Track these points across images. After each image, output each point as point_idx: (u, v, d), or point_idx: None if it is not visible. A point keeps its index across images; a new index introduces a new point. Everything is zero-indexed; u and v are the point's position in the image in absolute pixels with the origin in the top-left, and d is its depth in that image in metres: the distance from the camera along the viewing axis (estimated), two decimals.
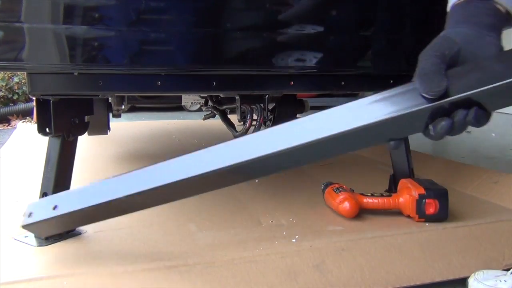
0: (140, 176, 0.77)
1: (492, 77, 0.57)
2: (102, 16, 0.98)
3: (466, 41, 0.66)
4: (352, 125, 0.62)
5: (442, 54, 0.63)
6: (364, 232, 1.13)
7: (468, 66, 0.61)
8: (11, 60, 0.95)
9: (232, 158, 0.68)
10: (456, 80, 0.59)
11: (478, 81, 0.58)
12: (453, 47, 0.65)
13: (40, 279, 0.89)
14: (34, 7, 0.93)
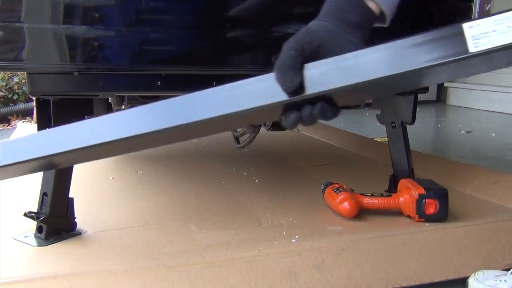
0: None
1: (340, 77, 0.59)
2: (102, 16, 0.98)
3: (327, 37, 0.66)
4: (215, 113, 0.63)
5: (301, 47, 0.63)
6: (364, 232, 1.13)
7: (323, 63, 0.61)
8: (11, 60, 0.95)
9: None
10: (310, 76, 0.60)
11: (327, 81, 0.59)
12: (314, 41, 0.65)
13: (40, 279, 0.89)
14: (34, 7, 0.93)
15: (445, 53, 0.52)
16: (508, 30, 0.50)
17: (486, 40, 0.51)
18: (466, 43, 0.52)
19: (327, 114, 0.62)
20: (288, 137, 2.49)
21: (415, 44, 0.55)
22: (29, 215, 1.07)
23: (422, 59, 0.54)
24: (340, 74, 0.58)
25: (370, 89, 0.61)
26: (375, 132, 2.91)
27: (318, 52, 0.64)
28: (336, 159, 2.03)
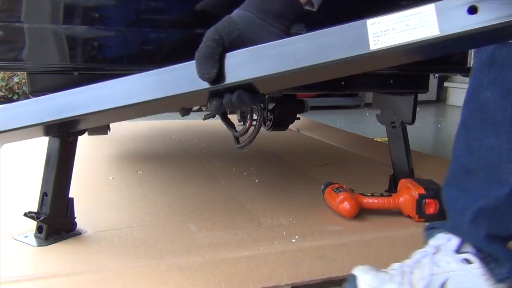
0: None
1: (255, 68, 0.60)
2: (102, 16, 0.98)
3: (248, 28, 0.66)
4: (142, 98, 0.66)
5: (220, 38, 0.63)
6: (364, 232, 1.14)
7: (241, 53, 0.62)
8: (11, 60, 0.95)
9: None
10: (228, 66, 0.62)
11: (243, 71, 0.61)
12: (234, 32, 0.65)
13: (40, 278, 0.89)
14: (34, 7, 0.93)
15: (348, 49, 0.54)
16: (407, 29, 0.51)
17: (385, 38, 0.52)
18: (367, 40, 0.53)
19: (245, 101, 0.63)
20: (288, 137, 2.49)
21: (324, 38, 0.56)
22: (29, 215, 1.07)
23: (327, 54, 0.55)
24: (254, 65, 0.60)
25: (284, 80, 0.62)
26: (375, 132, 2.91)
27: (238, 42, 0.64)
28: (336, 159, 2.03)
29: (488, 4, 0.48)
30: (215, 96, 0.65)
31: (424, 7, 0.51)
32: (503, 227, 0.80)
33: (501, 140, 0.77)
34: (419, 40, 0.50)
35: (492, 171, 0.79)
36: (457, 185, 0.84)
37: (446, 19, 0.49)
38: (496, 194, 0.78)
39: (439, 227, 0.86)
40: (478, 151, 0.80)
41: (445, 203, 0.87)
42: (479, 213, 0.79)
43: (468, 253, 0.81)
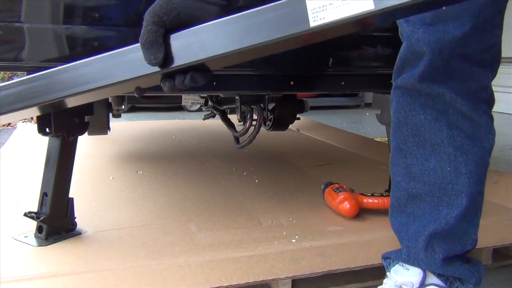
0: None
1: (199, 50, 0.60)
2: (102, 16, 0.98)
3: (186, 4, 0.64)
4: (95, 84, 0.65)
5: (160, 19, 0.61)
6: (364, 232, 1.14)
7: (184, 35, 0.62)
8: (11, 60, 0.95)
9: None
10: (175, 47, 0.61)
11: (189, 53, 0.61)
12: (172, 11, 0.62)
13: (40, 278, 0.89)
14: (34, 7, 0.93)
15: (289, 26, 0.54)
16: (343, 4, 0.51)
17: (323, 14, 0.52)
18: (307, 16, 0.53)
19: (198, 81, 0.63)
20: (288, 137, 2.50)
21: (264, 16, 0.56)
22: (29, 215, 1.07)
23: (269, 32, 0.56)
24: (201, 45, 0.60)
25: (232, 57, 0.62)
26: (375, 132, 2.91)
27: (179, 21, 0.63)
28: (336, 159, 2.03)
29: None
30: (167, 78, 0.64)
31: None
32: (459, 247, 0.79)
33: (442, 163, 0.76)
34: (356, 14, 0.51)
35: (439, 195, 0.77)
36: (404, 211, 0.82)
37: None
38: (446, 217, 0.76)
39: (394, 258, 0.84)
40: (421, 177, 0.78)
41: (395, 231, 0.84)
42: (432, 238, 0.77)
43: (431, 285, 0.80)
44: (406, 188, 0.80)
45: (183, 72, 0.63)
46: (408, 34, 0.74)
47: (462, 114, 0.75)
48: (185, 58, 0.61)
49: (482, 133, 0.76)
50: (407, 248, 0.81)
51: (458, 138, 0.75)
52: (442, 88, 0.74)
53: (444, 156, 0.75)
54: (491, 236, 1.09)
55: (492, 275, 1.07)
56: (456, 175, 0.75)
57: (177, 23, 0.62)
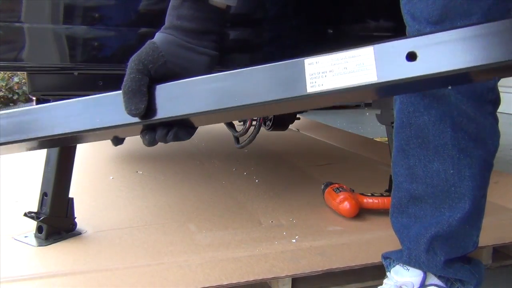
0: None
1: (187, 104, 0.56)
2: (102, 16, 0.98)
3: (173, 53, 0.61)
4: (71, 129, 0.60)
5: (145, 68, 0.58)
6: (364, 232, 1.14)
7: (171, 87, 0.57)
8: (11, 60, 0.95)
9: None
10: (159, 99, 0.57)
11: (175, 107, 0.56)
12: (159, 59, 0.59)
13: (40, 278, 0.89)
14: (34, 7, 0.93)
15: (285, 90, 0.51)
16: (344, 72, 0.48)
17: (322, 80, 0.49)
18: (305, 81, 0.50)
19: (181, 137, 0.59)
20: (288, 137, 2.49)
21: (259, 76, 0.53)
22: (29, 215, 1.07)
23: (263, 93, 0.52)
24: (187, 100, 0.56)
25: (220, 116, 0.58)
26: (375, 132, 2.91)
27: (165, 70, 0.59)
28: (336, 159, 2.03)
29: (427, 52, 0.46)
30: (148, 130, 0.60)
31: (363, 49, 0.48)
32: (461, 250, 0.79)
33: (445, 165, 0.75)
34: (357, 85, 0.48)
35: (442, 197, 0.76)
36: (406, 212, 0.81)
37: (384, 65, 0.47)
38: (448, 220, 0.76)
39: (395, 258, 0.84)
40: (423, 178, 0.77)
41: (396, 231, 0.84)
42: (434, 241, 0.77)
43: (431, 285, 0.80)
44: (408, 189, 0.79)
45: (166, 126, 0.59)
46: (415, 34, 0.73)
47: (467, 115, 0.73)
48: (169, 112, 0.57)
49: (487, 135, 0.75)
50: (408, 250, 0.80)
51: (463, 140, 0.74)
52: (448, 88, 0.73)
53: (447, 158, 0.74)
54: (491, 236, 1.08)
55: (492, 275, 1.07)
56: (460, 178, 0.74)
57: (163, 72, 0.59)
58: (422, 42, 0.46)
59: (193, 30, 0.62)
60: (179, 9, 0.63)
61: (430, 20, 0.69)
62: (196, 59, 0.62)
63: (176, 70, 0.60)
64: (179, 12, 0.63)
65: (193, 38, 0.62)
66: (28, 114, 0.62)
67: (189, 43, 0.62)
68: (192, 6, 0.62)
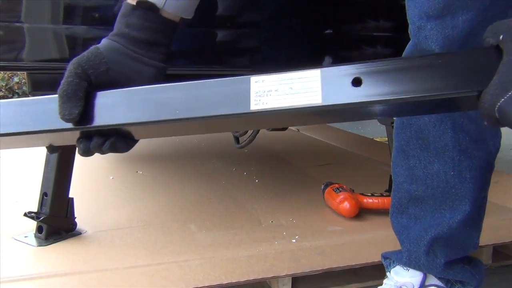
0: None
1: (127, 113, 0.53)
2: (102, 16, 0.98)
3: (117, 61, 0.59)
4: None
5: (84, 72, 0.55)
6: (364, 232, 1.13)
7: (112, 94, 0.55)
8: (11, 60, 0.95)
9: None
10: (97, 106, 0.54)
11: (114, 115, 0.54)
12: (100, 65, 0.57)
13: (40, 278, 0.89)
14: (34, 7, 0.93)
15: (228, 106, 0.50)
16: (290, 92, 0.48)
17: (267, 99, 0.49)
18: (249, 99, 0.49)
19: (119, 148, 0.56)
20: (288, 137, 2.49)
21: (204, 90, 0.51)
22: (29, 215, 1.07)
23: (206, 108, 0.51)
24: (127, 109, 0.53)
25: (161, 129, 0.56)
26: (375, 132, 2.91)
27: (107, 77, 0.57)
28: (336, 159, 2.03)
29: (372, 79, 0.46)
30: (84, 138, 0.57)
31: (310, 71, 0.48)
32: (461, 251, 0.78)
33: (446, 166, 0.74)
34: (301, 106, 0.47)
35: (442, 198, 0.76)
36: (405, 212, 0.81)
37: (329, 88, 0.47)
38: (448, 222, 0.75)
39: (395, 259, 0.83)
40: (423, 179, 0.76)
41: (396, 232, 0.83)
42: (434, 243, 0.77)
43: (431, 286, 0.80)
44: (408, 190, 0.79)
45: (103, 135, 0.56)
46: (416, 32, 0.72)
47: (468, 116, 0.73)
48: (106, 120, 0.54)
49: (488, 136, 0.74)
50: (408, 251, 0.80)
51: (463, 141, 0.73)
52: None
53: (448, 159, 0.74)
54: (491, 235, 1.09)
55: (492, 275, 1.07)
56: (460, 180, 0.74)
57: (105, 79, 0.57)
58: (368, 69, 0.46)
59: (141, 40, 0.60)
60: (128, 17, 0.61)
61: (431, 14, 0.68)
62: (141, 69, 0.60)
63: (120, 79, 0.58)
64: (128, 20, 0.61)
65: (140, 48, 0.60)
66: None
67: (135, 53, 0.60)
68: (142, 16, 0.60)
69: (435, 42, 0.69)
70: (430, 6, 0.68)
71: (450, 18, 0.68)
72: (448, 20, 0.68)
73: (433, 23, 0.69)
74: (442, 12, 0.68)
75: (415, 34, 0.72)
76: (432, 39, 0.69)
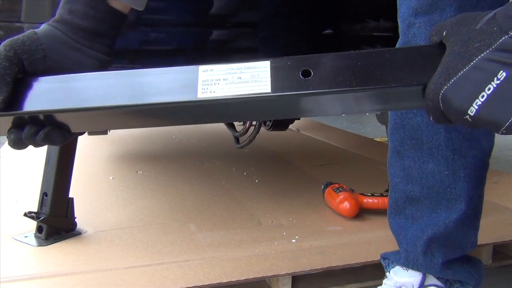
0: None
1: (62, 100, 0.50)
2: None
3: (56, 50, 0.54)
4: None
5: (16, 56, 0.51)
6: (364, 232, 1.14)
7: (46, 80, 0.51)
8: None
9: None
10: (29, 93, 0.51)
11: (49, 99, 0.50)
12: (36, 52, 0.53)
13: (40, 278, 0.89)
14: (34, 7, 0.94)
15: (174, 93, 0.48)
16: (238, 81, 0.47)
17: (215, 87, 0.47)
18: (196, 87, 0.48)
19: (54, 139, 0.52)
20: (288, 137, 2.49)
21: (148, 77, 0.49)
22: (29, 215, 1.07)
23: (148, 95, 0.48)
24: (63, 95, 0.50)
25: (100, 119, 0.53)
26: (375, 132, 2.91)
27: (44, 65, 0.53)
28: (336, 159, 2.03)
29: (322, 71, 0.46)
30: (15, 127, 0.52)
31: (260, 62, 0.48)
32: (459, 250, 0.78)
33: (440, 166, 0.74)
34: (249, 95, 0.46)
35: (437, 198, 0.76)
36: (402, 213, 0.81)
37: (279, 79, 0.46)
38: (445, 222, 0.75)
39: (393, 260, 0.83)
40: (418, 179, 0.76)
41: (394, 232, 0.83)
42: (431, 243, 0.77)
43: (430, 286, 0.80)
44: (404, 190, 0.79)
45: (37, 125, 0.51)
46: (405, 30, 0.72)
47: None
48: (38, 105, 0.50)
49: (481, 134, 0.74)
50: (405, 252, 0.80)
51: (456, 140, 0.73)
52: None
53: (442, 159, 0.74)
54: (491, 235, 1.09)
55: (492, 275, 1.07)
56: (455, 179, 0.74)
57: (41, 67, 0.53)
58: (317, 61, 0.47)
59: (85, 29, 0.56)
60: (72, 3, 0.56)
61: (420, 11, 0.68)
62: (83, 61, 0.56)
63: (59, 68, 0.54)
64: (72, 7, 0.56)
65: (83, 38, 0.56)
66: None
67: (77, 42, 0.56)
68: (87, 3, 0.56)
69: (423, 39, 0.69)
70: (419, 2, 0.68)
71: (439, 15, 0.67)
72: (437, 17, 0.67)
73: (421, 20, 0.69)
74: (431, 9, 0.68)
75: (404, 32, 0.72)
76: (421, 37, 0.69)
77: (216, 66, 0.48)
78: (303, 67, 0.46)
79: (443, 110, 0.43)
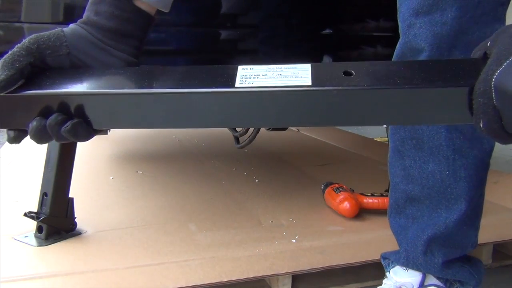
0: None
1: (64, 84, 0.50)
2: None
3: (80, 49, 0.55)
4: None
5: (38, 50, 0.52)
6: (364, 232, 1.14)
7: (56, 72, 0.52)
8: None
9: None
10: (59, 78, 0.51)
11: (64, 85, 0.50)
12: (60, 49, 0.53)
13: (40, 278, 0.89)
14: (34, 7, 0.94)
15: (213, 84, 0.48)
16: (279, 77, 0.47)
17: (253, 80, 0.47)
18: (234, 79, 0.48)
19: (79, 133, 0.50)
20: (288, 137, 2.49)
21: (188, 73, 0.50)
22: (29, 215, 1.07)
23: (187, 86, 0.48)
24: (95, 83, 0.51)
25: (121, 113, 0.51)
26: (375, 132, 2.91)
27: (69, 63, 0.54)
28: (336, 159, 2.03)
29: (363, 73, 0.46)
30: (41, 115, 0.50)
31: (300, 64, 0.48)
32: (459, 250, 0.78)
33: (441, 166, 0.74)
34: (290, 86, 0.45)
35: (438, 198, 0.75)
36: (403, 213, 0.81)
37: (320, 75, 0.46)
38: (445, 222, 0.75)
39: (393, 259, 0.83)
40: (419, 179, 0.76)
41: (394, 232, 0.83)
42: (431, 243, 0.77)
43: (430, 286, 0.80)
44: (404, 190, 0.79)
45: (65, 114, 0.49)
46: (405, 30, 0.71)
47: None
48: (56, 88, 0.49)
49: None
50: (405, 252, 0.80)
51: (457, 140, 0.73)
52: None
53: (442, 159, 0.74)
54: (491, 234, 1.09)
55: (492, 275, 1.07)
56: (455, 179, 0.74)
57: (66, 64, 0.54)
58: (358, 66, 0.47)
59: (111, 29, 0.56)
60: (98, 4, 0.57)
61: (421, 11, 0.68)
62: (108, 61, 0.56)
63: (76, 63, 0.55)
64: (98, 8, 0.57)
65: (109, 38, 0.56)
66: None
67: (103, 43, 0.56)
68: (113, 3, 0.56)
69: (424, 40, 0.69)
70: (420, 2, 0.68)
71: (439, 15, 0.67)
72: (437, 17, 0.67)
73: (422, 20, 0.68)
74: (431, 9, 0.67)
75: (405, 32, 0.71)
76: (422, 37, 0.69)
77: (256, 66, 0.49)
78: (344, 69, 0.46)
79: (495, 103, 0.39)
